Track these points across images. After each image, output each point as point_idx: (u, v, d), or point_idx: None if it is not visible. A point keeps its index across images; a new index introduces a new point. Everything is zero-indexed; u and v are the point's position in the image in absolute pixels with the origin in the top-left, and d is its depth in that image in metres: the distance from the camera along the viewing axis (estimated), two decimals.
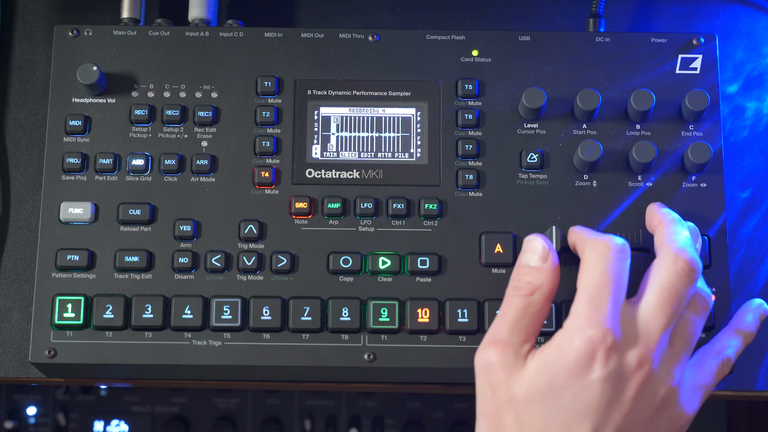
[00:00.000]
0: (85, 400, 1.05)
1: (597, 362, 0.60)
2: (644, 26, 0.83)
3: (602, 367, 0.60)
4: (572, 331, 0.61)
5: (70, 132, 0.73)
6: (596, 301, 0.61)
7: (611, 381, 0.60)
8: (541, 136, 0.73)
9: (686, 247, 0.63)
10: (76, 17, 0.82)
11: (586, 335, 0.60)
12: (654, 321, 0.61)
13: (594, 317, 0.60)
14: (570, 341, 0.60)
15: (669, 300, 0.62)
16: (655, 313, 0.62)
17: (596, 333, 0.60)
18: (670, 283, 0.62)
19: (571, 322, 0.61)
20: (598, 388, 0.60)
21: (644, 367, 0.60)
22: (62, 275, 0.70)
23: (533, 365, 0.61)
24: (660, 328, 0.61)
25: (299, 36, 0.75)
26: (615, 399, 0.60)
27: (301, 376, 0.71)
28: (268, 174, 0.72)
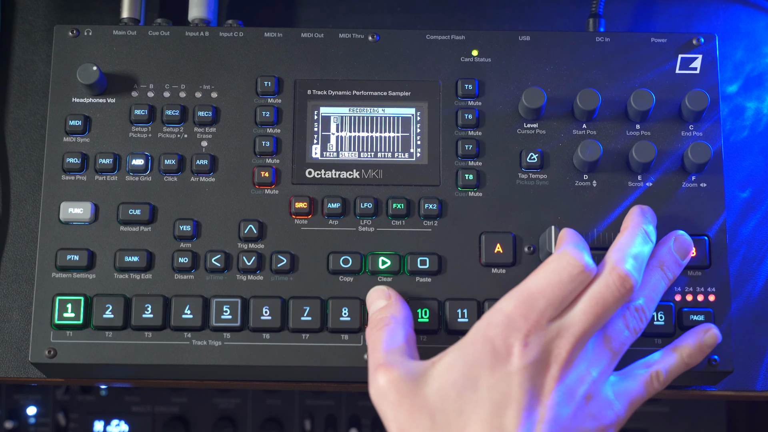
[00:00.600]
0: (85, 400, 1.05)
1: (515, 354, 0.60)
2: (644, 26, 0.83)
3: (520, 359, 0.60)
4: (490, 323, 0.61)
5: (70, 132, 0.73)
6: (526, 305, 0.62)
7: (530, 372, 0.60)
8: (541, 136, 0.73)
9: (627, 260, 0.63)
10: (76, 17, 0.82)
11: (503, 330, 0.60)
12: (575, 324, 0.62)
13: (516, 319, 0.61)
14: (486, 332, 0.61)
15: (594, 308, 0.62)
16: (578, 317, 0.62)
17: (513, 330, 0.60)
18: (599, 292, 0.62)
19: (491, 315, 0.62)
20: (517, 378, 0.60)
21: (559, 362, 0.60)
22: (62, 275, 0.70)
23: (444, 362, 0.61)
24: (579, 331, 0.61)
25: (299, 36, 0.75)
26: (536, 391, 0.60)
27: (301, 376, 0.71)
28: (268, 174, 0.72)
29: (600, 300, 0.62)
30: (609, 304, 0.62)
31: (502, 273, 0.71)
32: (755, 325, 0.75)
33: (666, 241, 0.68)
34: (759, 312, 0.75)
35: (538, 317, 0.61)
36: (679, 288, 0.71)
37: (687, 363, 0.67)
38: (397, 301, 0.67)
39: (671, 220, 0.72)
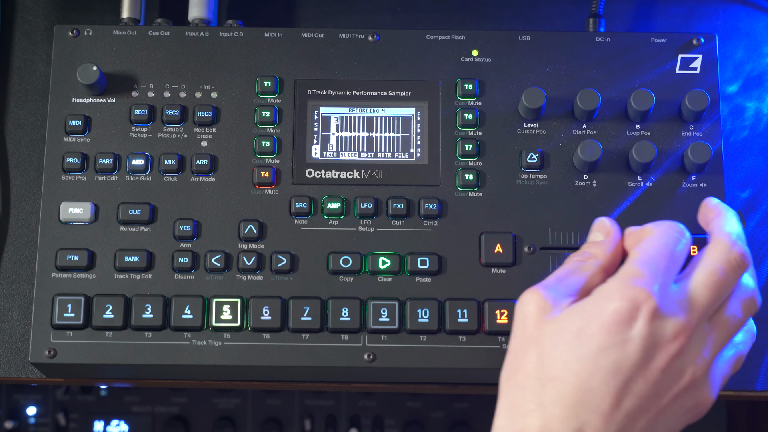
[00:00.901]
0: (85, 400, 1.05)
1: (637, 322, 0.59)
2: (644, 26, 0.83)
3: (642, 328, 0.59)
4: (616, 288, 0.60)
5: (70, 132, 0.73)
6: (649, 266, 0.61)
7: (645, 345, 0.59)
8: (541, 136, 0.73)
9: (740, 239, 0.63)
10: (76, 17, 0.82)
11: (630, 293, 0.59)
12: (699, 299, 0.61)
13: (643, 280, 0.60)
14: (611, 295, 0.60)
15: (717, 284, 0.61)
16: (702, 292, 0.61)
17: (641, 294, 0.59)
18: (722, 269, 0.61)
19: (617, 280, 0.61)
20: (631, 348, 0.58)
21: (679, 340, 0.59)
22: (62, 275, 0.70)
23: (568, 311, 0.61)
24: (703, 306, 0.61)
25: (299, 36, 0.75)
26: (644, 365, 0.59)
27: (301, 376, 0.71)
28: (268, 174, 0.72)
29: (722, 276, 0.61)
30: (730, 280, 0.61)
31: (502, 273, 0.71)
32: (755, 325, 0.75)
33: None
34: (759, 312, 0.75)
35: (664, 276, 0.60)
36: None
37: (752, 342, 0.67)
38: (610, 243, 0.65)
39: (671, 220, 0.71)
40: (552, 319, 0.61)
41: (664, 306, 0.60)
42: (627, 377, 0.58)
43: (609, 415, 0.58)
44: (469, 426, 1.04)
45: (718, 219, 0.65)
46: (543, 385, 0.59)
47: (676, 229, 0.63)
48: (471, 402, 1.03)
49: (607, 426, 0.58)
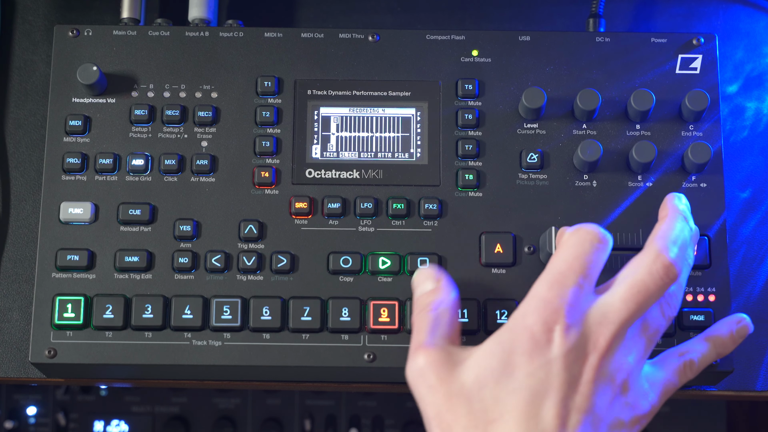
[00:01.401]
0: (85, 400, 1.05)
1: (554, 342, 0.59)
2: (644, 26, 0.83)
3: (559, 347, 0.59)
4: (527, 311, 0.60)
5: (70, 132, 0.73)
6: (558, 285, 0.61)
7: (569, 361, 0.59)
8: (541, 136, 0.73)
9: (671, 248, 0.62)
10: (76, 17, 0.82)
11: (541, 315, 0.60)
12: (615, 312, 0.61)
13: (552, 300, 0.60)
14: (524, 320, 0.60)
15: (636, 296, 0.61)
16: (619, 305, 0.61)
17: (551, 314, 0.59)
18: (642, 281, 0.61)
19: (527, 303, 0.61)
20: (556, 366, 0.59)
21: (598, 351, 0.59)
22: (62, 275, 0.70)
23: (482, 350, 0.60)
24: (620, 319, 0.60)
25: (299, 36, 0.75)
26: (574, 380, 0.59)
27: (301, 376, 0.71)
28: (268, 174, 0.72)
29: (643, 288, 0.61)
30: (652, 292, 0.61)
31: (502, 273, 0.71)
32: (755, 325, 0.75)
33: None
34: (759, 312, 0.75)
35: (574, 293, 0.60)
36: None
37: (718, 353, 0.66)
38: (446, 286, 0.65)
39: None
40: (465, 365, 0.60)
41: (576, 321, 0.60)
42: (562, 396, 0.58)
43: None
44: None
45: (660, 222, 0.65)
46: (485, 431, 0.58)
47: (591, 236, 0.62)
48: None
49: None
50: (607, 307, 0.61)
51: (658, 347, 0.68)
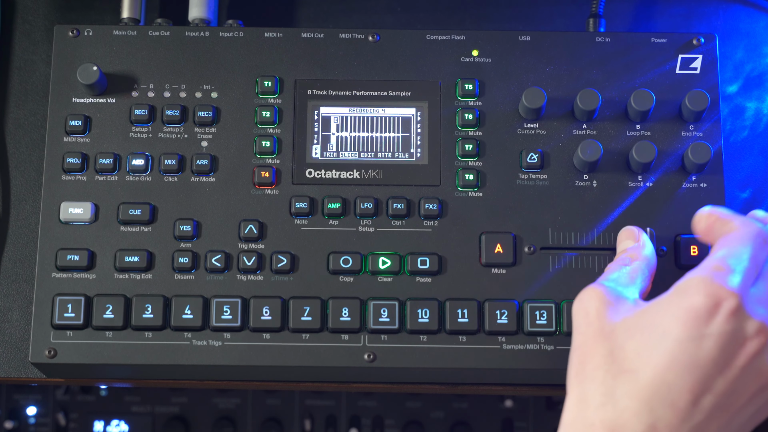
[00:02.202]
0: (85, 400, 1.05)
1: (718, 318, 0.57)
2: (644, 26, 0.83)
3: (722, 324, 0.57)
4: (697, 282, 0.58)
5: (70, 132, 0.73)
6: (734, 260, 0.59)
7: (726, 341, 0.57)
8: (541, 136, 0.73)
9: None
10: (76, 17, 0.82)
11: (711, 289, 0.57)
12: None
13: (726, 275, 0.58)
14: (691, 290, 0.58)
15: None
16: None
17: (723, 291, 0.57)
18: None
19: (698, 273, 0.59)
20: (710, 344, 0.57)
21: (759, 339, 0.57)
22: (62, 275, 0.70)
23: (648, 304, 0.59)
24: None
25: (299, 36, 0.75)
26: (724, 362, 0.57)
27: (301, 376, 0.71)
28: (268, 174, 0.72)
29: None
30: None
31: (502, 273, 0.71)
32: None
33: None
34: None
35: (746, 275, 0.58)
36: None
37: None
38: (644, 245, 0.67)
39: (671, 220, 0.72)
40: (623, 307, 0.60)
41: (746, 304, 0.58)
42: (705, 374, 0.56)
43: (685, 411, 0.56)
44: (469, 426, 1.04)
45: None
46: (615, 378, 0.57)
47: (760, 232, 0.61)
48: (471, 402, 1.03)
49: (682, 423, 0.56)
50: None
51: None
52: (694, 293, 0.58)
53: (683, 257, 0.71)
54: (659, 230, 0.71)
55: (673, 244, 0.71)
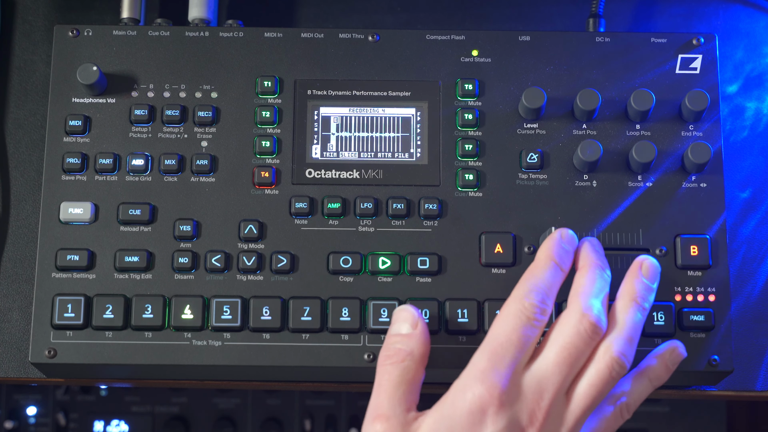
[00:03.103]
0: (85, 400, 1.05)
1: (488, 418, 0.60)
2: (644, 26, 0.83)
3: (493, 424, 0.60)
4: (466, 385, 0.61)
5: (70, 132, 0.73)
6: (497, 357, 0.61)
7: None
8: (541, 136, 0.73)
9: (594, 305, 0.63)
10: (76, 17, 0.82)
11: (477, 391, 0.61)
12: (550, 378, 0.61)
13: (489, 374, 0.61)
14: (462, 395, 0.61)
15: (567, 359, 0.62)
16: (552, 370, 0.62)
17: (487, 390, 0.60)
18: (571, 342, 0.62)
19: (466, 374, 0.62)
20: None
21: (534, 425, 0.61)
22: (62, 275, 0.70)
23: (429, 421, 0.62)
24: (555, 387, 0.61)
25: (299, 36, 0.75)
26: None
27: (301, 376, 0.71)
28: (268, 174, 0.72)
29: (573, 350, 0.62)
30: (581, 352, 0.62)
31: (502, 273, 0.71)
32: (755, 325, 0.75)
33: (633, 272, 0.67)
34: (759, 312, 0.75)
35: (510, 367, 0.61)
36: (679, 288, 0.71)
37: (654, 385, 0.67)
38: (421, 335, 0.66)
39: (671, 220, 0.72)
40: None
41: (513, 394, 0.61)
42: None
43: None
44: None
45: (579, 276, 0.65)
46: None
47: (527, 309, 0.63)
48: None
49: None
50: (542, 373, 0.62)
51: None
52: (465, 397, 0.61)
53: (683, 257, 0.71)
54: (659, 230, 0.71)
55: (673, 244, 0.71)
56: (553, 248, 0.66)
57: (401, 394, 0.63)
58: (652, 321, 0.70)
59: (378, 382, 0.64)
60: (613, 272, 0.70)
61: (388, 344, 0.65)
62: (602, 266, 0.66)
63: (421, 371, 0.65)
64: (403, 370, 0.64)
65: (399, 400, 0.63)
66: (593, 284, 0.65)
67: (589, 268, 0.66)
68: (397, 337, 0.65)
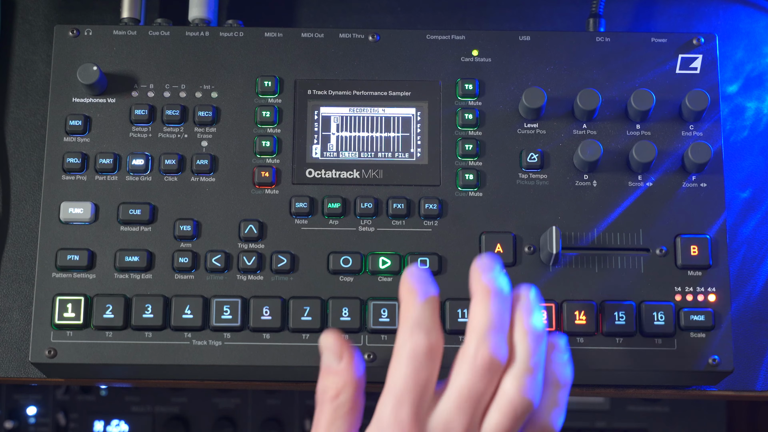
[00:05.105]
0: (85, 400, 1.05)
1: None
2: (644, 26, 0.83)
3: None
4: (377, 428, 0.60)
5: (70, 132, 0.73)
6: (401, 404, 0.59)
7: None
8: (541, 136, 0.73)
9: (489, 338, 0.60)
10: (76, 17, 0.82)
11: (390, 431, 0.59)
12: (453, 423, 0.59)
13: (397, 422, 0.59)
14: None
15: (468, 400, 0.59)
16: (454, 415, 0.59)
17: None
18: (469, 382, 0.59)
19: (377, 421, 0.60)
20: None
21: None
22: (62, 275, 0.70)
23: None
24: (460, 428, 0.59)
25: (299, 36, 0.75)
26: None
27: (301, 376, 0.71)
28: (268, 174, 0.72)
29: (472, 389, 0.59)
30: (480, 390, 0.60)
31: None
32: (755, 325, 0.75)
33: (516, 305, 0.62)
34: (759, 312, 0.75)
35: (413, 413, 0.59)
36: (679, 288, 0.71)
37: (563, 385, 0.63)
38: (349, 368, 0.62)
39: (671, 220, 0.72)
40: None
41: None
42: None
43: None
44: None
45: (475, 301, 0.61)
46: None
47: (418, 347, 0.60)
48: None
49: None
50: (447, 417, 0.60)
51: None
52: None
53: (683, 257, 0.71)
54: (659, 230, 0.71)
55: (673, 244, 0.71)
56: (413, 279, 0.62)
57: (336, 429, 0.61)
58: (653, 321, 0.70)
59: (316, 417, 0.63)
60: (613, 273, 0.70)
61: (321, 378, 0.63)
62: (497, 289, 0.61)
63: (357, 400, 0.62)
64: (337, 407, 0.62)
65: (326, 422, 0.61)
66: (487, 315, 0.60)
67: (482, 297, 0.61)
68: (328, 373, 0.63)
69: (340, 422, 0.62)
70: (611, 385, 0.74)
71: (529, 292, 0.62)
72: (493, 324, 0.60)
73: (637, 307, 0.70)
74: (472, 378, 0.60)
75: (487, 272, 0.62)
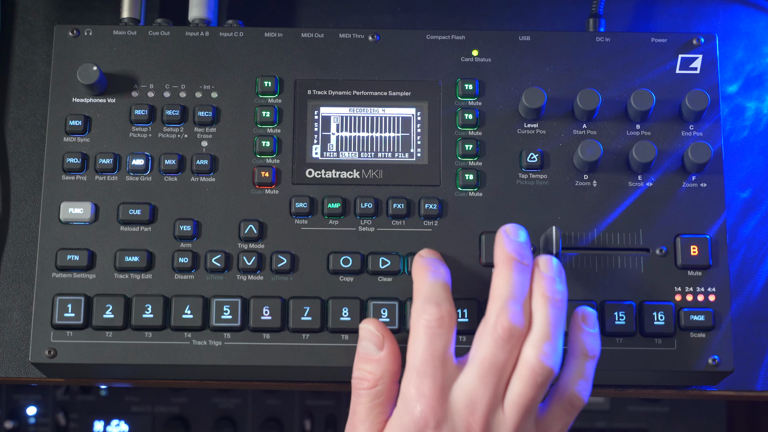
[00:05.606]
0: (85, 400, 1.05)
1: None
2: (644, 26, 0.83)
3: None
4: (404, 410, 0.61)
5: (70, 132, 0.73)
6: (423, 377, 0.61)
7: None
8: (541, 136, 0.73)
9: (510, 305, 0.61)
10: (76, 17, 0.82)
11: (414, 415, 0.60)
12: (476, 393, 0.60)
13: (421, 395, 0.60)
14: (402, 421, 0.61)
15: (489, 370, 0.60)
16: (477, 385, 0.60)
17: (422, 412, 0.60)
18: (490, 353, 0.61)
19: (403, 399, 0.61)
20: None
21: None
22: (62, 275, 0.70)
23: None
24: (484, 397, 0.60)
25: (299, 36, 0.75)
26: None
27: (301, 376, 0.71)
28: (268, 174, 0.72)
29: (493, 359, 0.61)
30: (502, 360, 0.61)
31: None
32: (755, 325, 0.75)
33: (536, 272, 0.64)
34: (759, 312, 0.75)
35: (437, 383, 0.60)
36: (679, 288, 0.71)
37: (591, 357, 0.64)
38: (390, 356, 0.64)
39: (671, 220, 0.72)
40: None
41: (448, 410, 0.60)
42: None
43: None
44: None
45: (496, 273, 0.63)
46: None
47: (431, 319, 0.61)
48: None
49: None
50: (470, 388, 0.60)
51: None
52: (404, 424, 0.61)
53: (683, 257, 0.71)
54: (659, 230, 0.71)
55: (673, 244, 0.71)
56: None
57: (374, 418, 0.63)
58: (653, 321, 0.70)
59: (353, 406, 0.64)
60: (613, 273, 0.70)
61: (358, 365, 0.65)
62: (518, 257, 0.63)
63: (394, 389, 0.64)
64: (375, 395, 0.63)
65: (371, 424, 0.63)
66: (507, 284, 0.62)
67: (502, 265, 0.63)
68: (366, 361, 0.64)
69: (378, 411, 0.63)
70: (611, 385, 0.74)
71: (551, 260, 0.64)
72: (513, 294, 0.61)
73: (637, 307, 0.70)
74: (493, 348, 0.60)
75: (511, 241, 0.64)
